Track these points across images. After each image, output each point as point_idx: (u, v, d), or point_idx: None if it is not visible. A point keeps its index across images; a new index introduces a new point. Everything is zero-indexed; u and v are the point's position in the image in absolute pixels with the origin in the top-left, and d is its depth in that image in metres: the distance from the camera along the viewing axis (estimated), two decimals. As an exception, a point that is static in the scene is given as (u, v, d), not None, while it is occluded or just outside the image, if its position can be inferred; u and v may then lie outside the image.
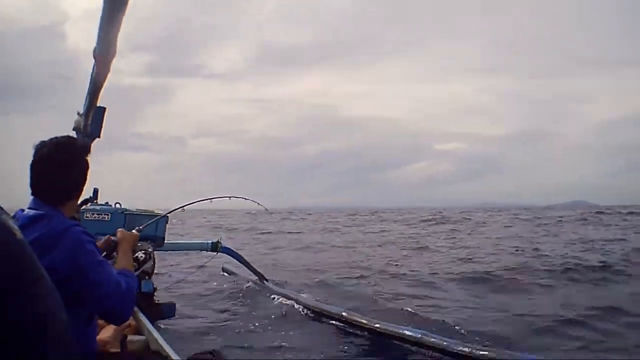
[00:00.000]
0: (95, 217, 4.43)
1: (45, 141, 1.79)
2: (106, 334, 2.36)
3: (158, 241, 4.56)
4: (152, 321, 3.13)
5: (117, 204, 4.75)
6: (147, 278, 4.19)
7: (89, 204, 4.84)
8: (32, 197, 1.80)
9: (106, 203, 4.89)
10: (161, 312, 4.72)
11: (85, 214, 4.45)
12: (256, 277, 8.27)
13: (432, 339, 4.71)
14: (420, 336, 4.81)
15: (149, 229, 3.11)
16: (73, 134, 4.66)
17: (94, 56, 2.06)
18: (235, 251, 7.53)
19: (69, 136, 1.95)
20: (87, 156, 1.90)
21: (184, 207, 3.28)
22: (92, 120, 4.80)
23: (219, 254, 6.60)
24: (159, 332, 2.80)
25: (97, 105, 4.50)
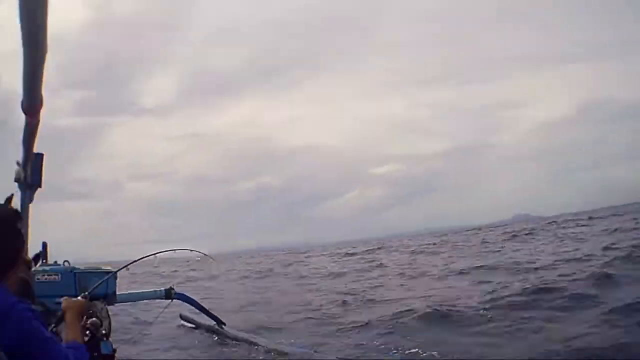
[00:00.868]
0: (46, 278, 4.47)
1: None
2: None
3: (110, 298, 4.53)
4: None
5: (65, 262, 4.76)
6: (105, 339, 4.02)
7: (39, 264, 4.79)
8: None
9: (55, 262, 4.86)
10: None
11: (37, 276, 4.41)
12: (214, 322, 8.14)
13: None
14: None
15: (99, 288, 3.06)
16: (15, 186, 4.46)
17: (22, 109, 1.98)
18: (189, 297, 7.38)
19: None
20: (15, 224, 1.78)
21: (130, 264, 3.27)
22: (31, 170, 4.59)
23: (173, 300, 6.45)
24: None
25: (35, 152, 4.35)
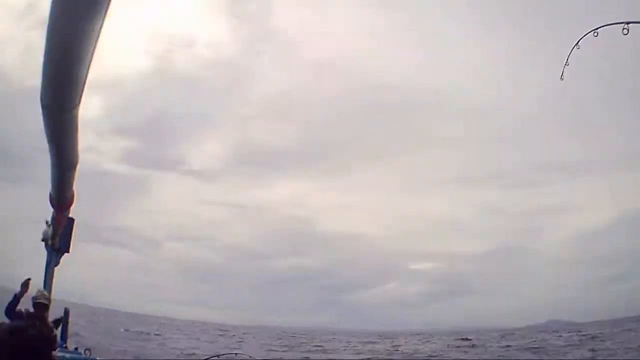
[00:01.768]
0: None
1: None
2: None
3: None
4: None
5: (87, 351, 4.65)
6: None
7: (57, 349, 4.86)
8: None
9: (75, 349, 4.75)
10: None
11: None
12: None
13: None
14: None
15: None
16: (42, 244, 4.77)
17: (50, 203, 2.05)
18: None
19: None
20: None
21: None
22: (60, 235, 4.86)
23: None
24: None
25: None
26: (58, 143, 1.84)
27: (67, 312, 5.19)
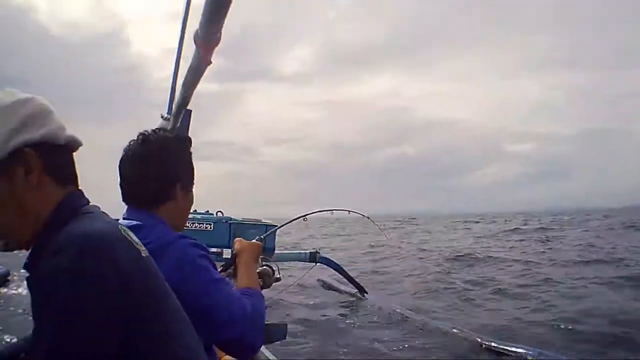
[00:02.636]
0: (197, 227, 3.87)
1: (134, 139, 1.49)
2: None
3: (269, 253, 4.00)
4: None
5: (219, 212, 4.17)
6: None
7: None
8: (126, 205, 1.47)
9: (207, 212, 4.28)
10: (271, 335, 4.17)
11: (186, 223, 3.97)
12: (356, 290, 7.82)
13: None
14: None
15: (267, 241, 2.55)
16: None
17: (195, 42, 1.71)
18: (335, 262, 7.14)
19: (159, 128, 1.57)
20: (186, 147, 1.54)
21: (292, 221, 2.67)
22: (180, 123, 4.38)
23: (317, 264, 6.13)
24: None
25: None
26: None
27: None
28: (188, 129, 4.91)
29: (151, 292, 0.93)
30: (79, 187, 1.08)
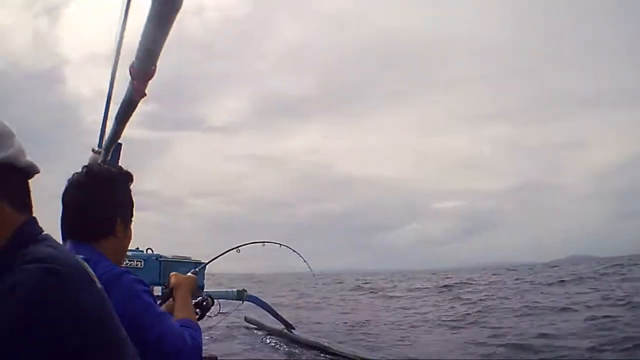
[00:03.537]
0: (127, 264, 3.91)
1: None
2: None
3: (199, 290, 4.01)
4: None
5: (149, 250, 4.25)
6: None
7: None
8: (68, 240, 1.46)
9: (137, 249, 4.34)
10: None
11: None
12: (282, 327, 7.88)
13: None
14: None
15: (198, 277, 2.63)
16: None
17: (130, 73, 1.74)
18: (262, 300, 7.12)
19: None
20: (128, 181, 1.59)
21: (219, 256, 2.79)
22: (111, 156, 4.32)
23: (244, 302, 6.16)
24: None
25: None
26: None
27: None
28: (118, 162, 4.88)
29: (107, 321, 0.91)
30: (33, 215, 1.03)
